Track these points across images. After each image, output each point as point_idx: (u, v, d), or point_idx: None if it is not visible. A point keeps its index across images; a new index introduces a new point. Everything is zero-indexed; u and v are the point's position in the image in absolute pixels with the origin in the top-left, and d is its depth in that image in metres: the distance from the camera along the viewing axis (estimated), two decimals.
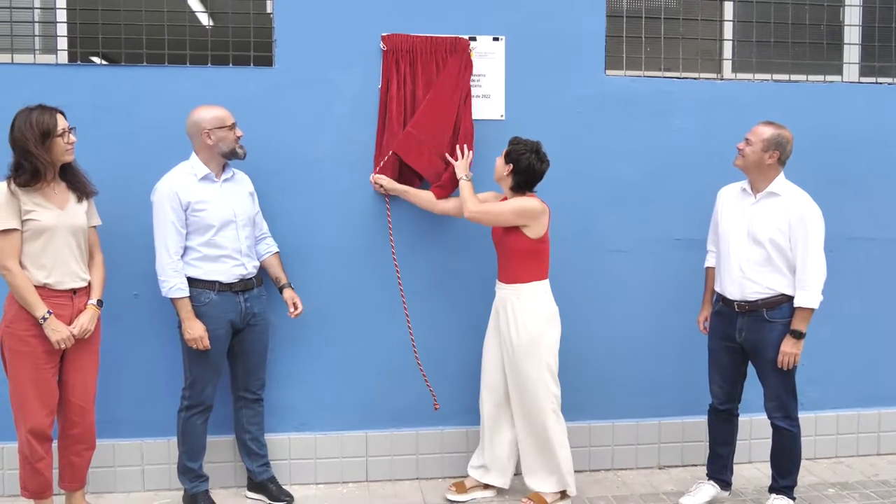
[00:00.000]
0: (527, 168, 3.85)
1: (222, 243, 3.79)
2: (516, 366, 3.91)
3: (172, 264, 3.72)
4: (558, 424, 3.96)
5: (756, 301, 3.77)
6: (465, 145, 4.11)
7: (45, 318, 3.43)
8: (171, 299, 3.74)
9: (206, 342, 3.75)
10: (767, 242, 3.73)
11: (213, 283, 3.79)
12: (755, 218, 3.79)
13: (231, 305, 3.84)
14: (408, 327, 4.27)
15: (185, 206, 3.72)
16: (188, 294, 3.74)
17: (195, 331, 3.73)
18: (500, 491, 4.18)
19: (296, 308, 4.04)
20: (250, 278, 3.92)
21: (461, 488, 4.16)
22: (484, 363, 4.11)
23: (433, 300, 4.32)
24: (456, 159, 4.08)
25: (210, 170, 3.81)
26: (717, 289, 3.99)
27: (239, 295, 3.86)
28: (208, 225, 3.76)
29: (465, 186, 3.98)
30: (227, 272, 3.82)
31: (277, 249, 4.07)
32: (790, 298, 3.73)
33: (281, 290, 4.04)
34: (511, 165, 3.86)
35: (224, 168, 3.89)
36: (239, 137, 3.84)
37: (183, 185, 3.74)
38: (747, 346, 3.85)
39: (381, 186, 4.14)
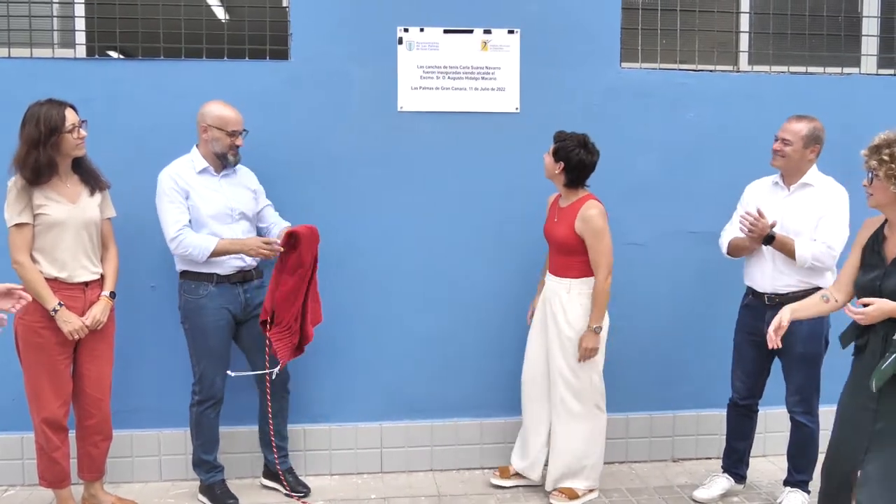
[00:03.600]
0: (578, 164, 3.80)
1: (218, 236, 3.77)
2: (566, 359, 3.89)
3: (185, 232, 3.68)
4: (599, 420, 3.98)
5: (787, 294, 3.72)
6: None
7: (55, 311, 3.46)
8: (216, 251, 3.69)
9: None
10: (804, 233, 3.69)
11: (211, 275, 3.79)
12: (789, 211, 3.76)
13: (230, 297, 3.85)
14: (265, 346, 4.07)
15: (185, 194, 3.73)
16: (219, 237, 3.72)
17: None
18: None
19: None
20: (249, 270, 3.92)
21: (505, 473, 4.18)
22: (527, 355, 4.11)
23: (437, 295, 4.34)
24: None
25: (208, 163, 3.81)
26: (746, 282, 3.94)
27: (238, 286, 3.87)
28: (202, 217, 3.74)
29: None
30: (223, 264, 3.81)
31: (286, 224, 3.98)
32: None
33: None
34: (562, 163, 3.82)
35: (225, 164, 3.87)
36: (237, 146, 3.79)
37: (182, 174, 3.75)
38: None
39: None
